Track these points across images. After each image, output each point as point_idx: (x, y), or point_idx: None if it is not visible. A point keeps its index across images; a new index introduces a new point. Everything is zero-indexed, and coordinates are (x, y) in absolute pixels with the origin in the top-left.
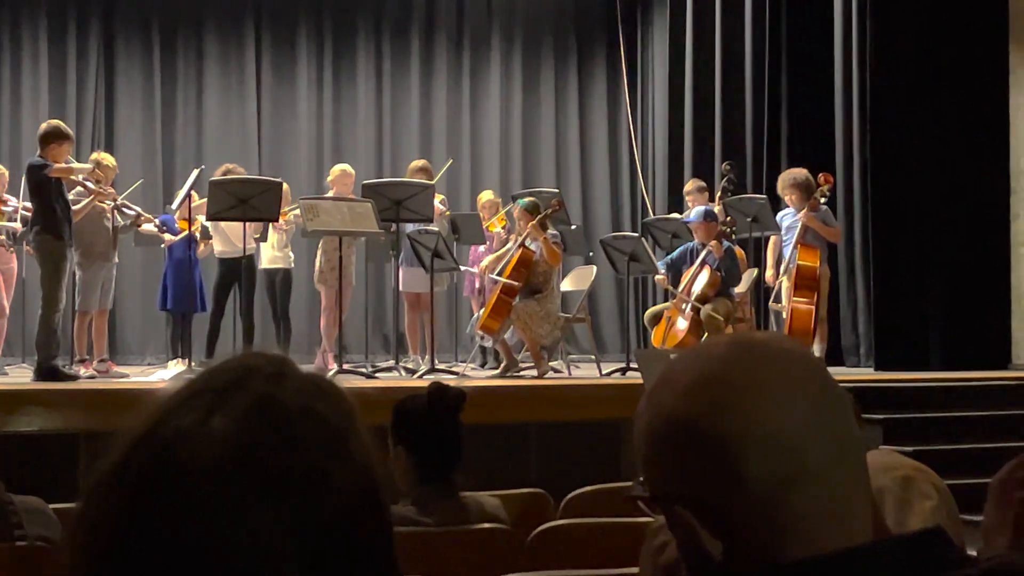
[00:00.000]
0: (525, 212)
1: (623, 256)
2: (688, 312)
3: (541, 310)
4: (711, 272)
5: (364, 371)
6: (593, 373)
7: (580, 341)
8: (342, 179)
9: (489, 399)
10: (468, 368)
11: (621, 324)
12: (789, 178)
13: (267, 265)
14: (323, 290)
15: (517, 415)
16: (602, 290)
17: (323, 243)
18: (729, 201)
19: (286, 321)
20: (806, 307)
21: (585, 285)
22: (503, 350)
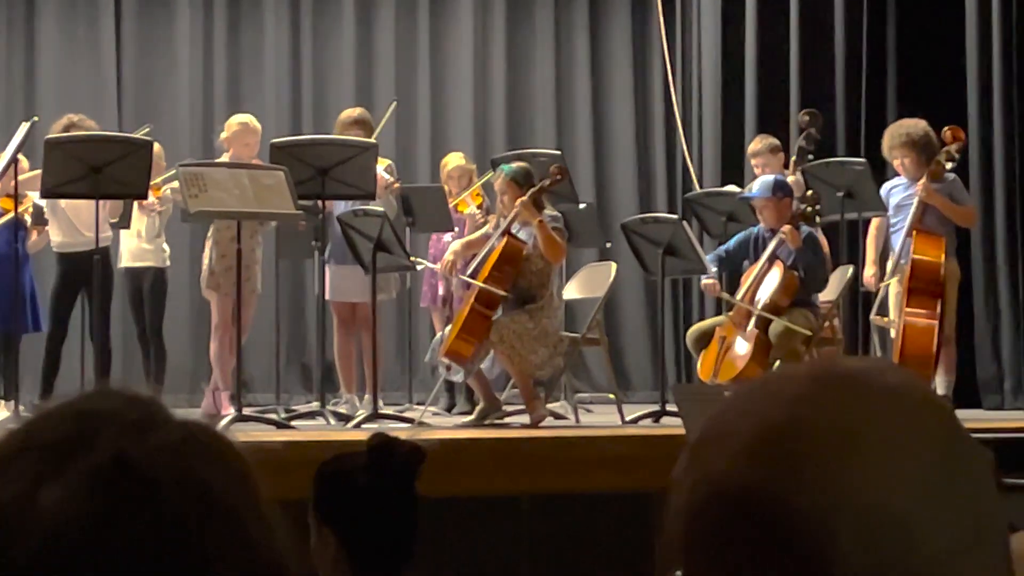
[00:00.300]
0: (511, 183)
1: (656, 248)
2: (751, 330)
3: (535, 328)
4: (784, 271)
5: (275, 417)
6: (613, 419)
7: (593, 373)
8: (241, 136)
9: (459, 459)
10: (428, 413)
11: (653, 348)
12: (901, 134)
13: (131, 263)
14: (214, 299)
15: (500, 483)
16: (625, 298)
17: (213, 231)
18: (810, 168)
19: (158, 344)
20: (925, 322)
21: (600, 291)
22: (479, 387)
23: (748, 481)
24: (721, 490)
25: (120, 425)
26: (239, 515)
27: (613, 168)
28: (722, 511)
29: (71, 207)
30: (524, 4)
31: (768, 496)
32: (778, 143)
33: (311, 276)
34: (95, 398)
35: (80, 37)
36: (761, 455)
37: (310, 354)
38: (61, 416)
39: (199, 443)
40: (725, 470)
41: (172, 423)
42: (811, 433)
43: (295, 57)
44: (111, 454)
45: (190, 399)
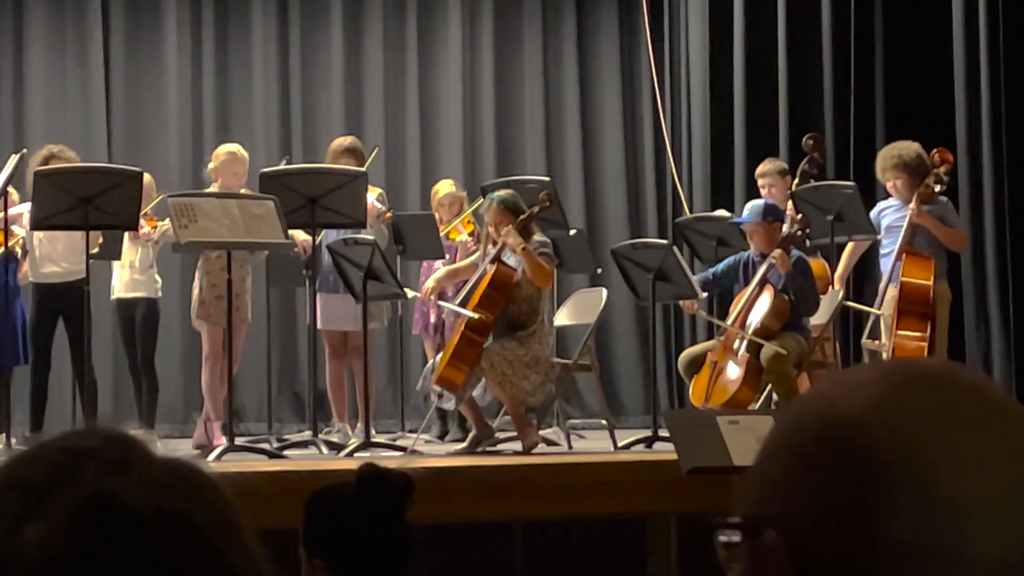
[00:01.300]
0: (501, 210)
1: (646, 274)
2: (743, 354)
3: (526, 354)
4: (775, 295)
5: (267, 447)
6: (605, 445)
7: (585, 399)
8: (230, 165)
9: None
10: (420, 441)
11: (645, 373)
12: (893, 155)
13: (123, 294)
14: (205, 330)
15: (493, 510)
16: (616, 324)
17: (203, 261)
18: (800, 191)
19: (150, 375)
20: (916, 344)
21: (591, 318)
22: (471, 414)
23: (851, 416)
24: (826, 423)
25: (101, 462)
26: (222, 549)
27: (603, 194)
28: (823, 448)
29: (48, 237)
30: (512, 31)
31: (861, 437)
32: (787, 167)
33: (302, 305)
34: (76, 436)
35: (69, 69)
36: (878, 414)
37: (302, 383)
38: (43, 454)
39: (180, 478)
40: (837, 416)
41: (153, 459)
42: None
43: (284, 87)
44: (93, 491)
45: (182, 429)
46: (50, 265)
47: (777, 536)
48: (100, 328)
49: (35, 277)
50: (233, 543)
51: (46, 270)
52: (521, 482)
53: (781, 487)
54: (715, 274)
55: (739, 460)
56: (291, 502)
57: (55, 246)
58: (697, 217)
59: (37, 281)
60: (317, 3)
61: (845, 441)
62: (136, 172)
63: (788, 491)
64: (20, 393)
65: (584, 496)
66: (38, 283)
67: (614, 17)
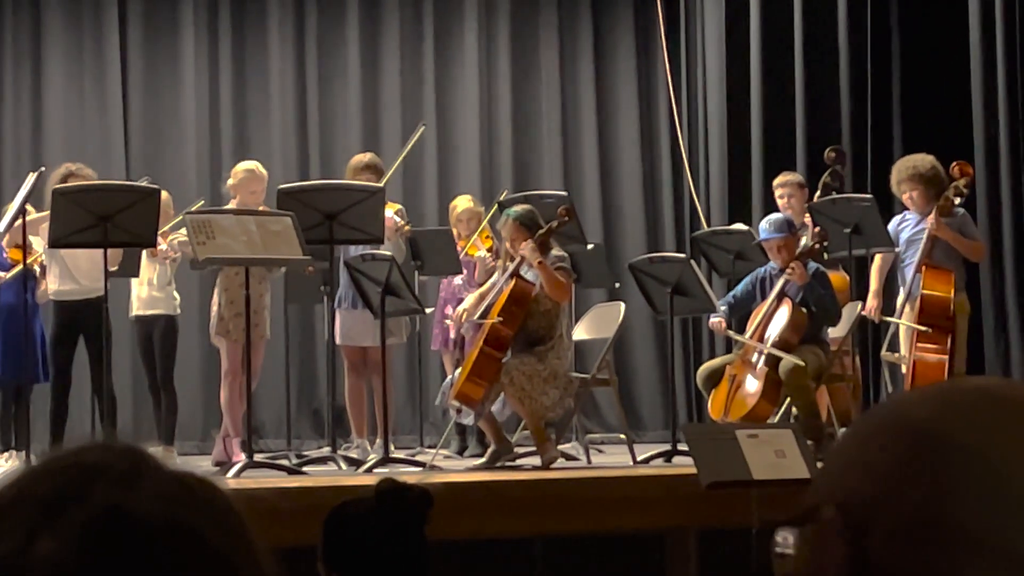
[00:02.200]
0: (517, 228)
1: (664, 288)
2: (761, 368)
3: (544, 369)
4: (793, 308)
5: (286, 463)
6: (624, 460)
7: (604, 413)
8: (248, 183)
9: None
10: (439, 456)
11: (663, 387)
12: (908, 167)
13: (141, 311)
14: (224, 346)
15: (512, 526)
16: (635, 338)
17: (222, 278)
18: (817, 204)
19: (169, 392)
20: (936, 357)
21: (609, 332)
22: (490, 429)
23: (924, 412)
24: (909, 427)
25: (112, 477)
26: (233, 561)
27: (621, 208)
28: (899, 440)
29: (69, 255)
30: (528, 45)
31: (935, 425)
32: (802, 180)
33: (321, 321)
34: (87, 451)
35: (86, 87)
36: (952, 411)
37: (321, 399)
38: (53, 469)
39: (191, 492)
40: (915, 416)
41: (163, 473)
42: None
43: (301, 103)
44: (103, 505)
45: (201, 446)
46: (70, 283)
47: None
48: (119, 345)
49: (55, 295)
50: (244, 556)
51: (66, 288)
52: (540, 497)
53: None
54: (735, 296)
55: (758, 474)
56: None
57: (76, 264)
58: (715, 231)
59: (57, 299)
60: (334, 19)
61: (917, 428)
62: (154, 189)
63: (852, 474)
64: (40, 410)
65: (603, 511)
66: (58, 301)
67: (630, 31)
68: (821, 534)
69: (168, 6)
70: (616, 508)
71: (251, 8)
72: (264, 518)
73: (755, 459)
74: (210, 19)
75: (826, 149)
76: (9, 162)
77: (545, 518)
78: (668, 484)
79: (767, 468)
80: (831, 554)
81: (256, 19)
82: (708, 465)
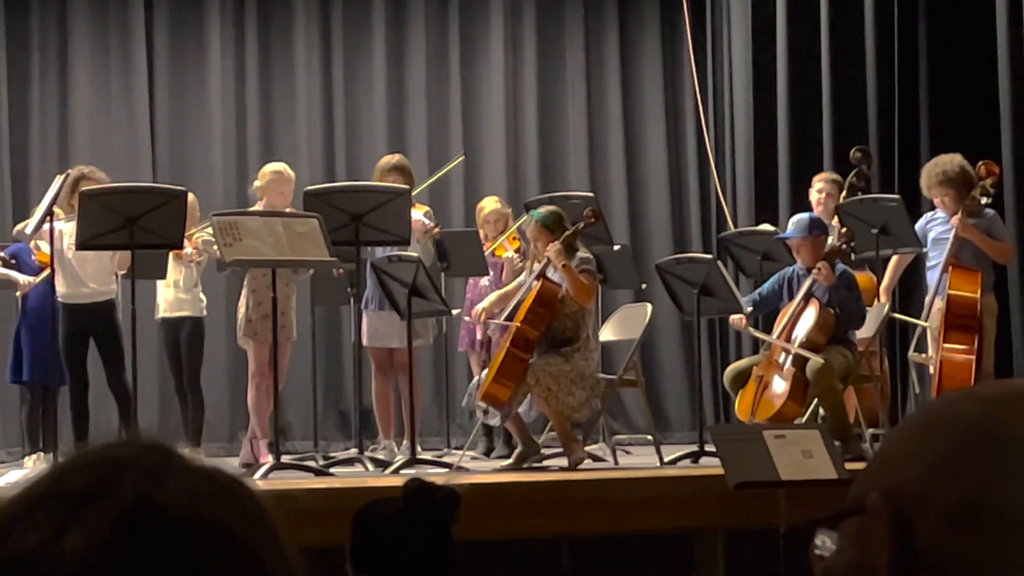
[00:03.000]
0: (542, 229)
1: (691, 289)
2: (788, 368)
3: (571, 370)
4: (820, 308)
5: (313, 465)
6: (651, 461)
7: (631, 414)
8: (276, 185)
9: (496, 502)
10: (466, 457)
11: (690, 388)
12: (937, 172)
13: (168, 313)
14: (251, 348)
15: (539, 526)
16: (661, 339)
17: (249, 279)
18: (845, 205)
19: (196, 394)
20: (963, 357)
21: (636, 333)
22: (517, 430)
23: (976, 405)
24: (966, 423)
25: (140, 471)
26: (261, 556)
27: (647, 209)
28: (955, 434)
29: (78, 258)
30: (555, 46)
31: (989, 415)
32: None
33: (347, 322)
34: (115, 446)
35: (113, 89)
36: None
37: (347, 401)
38: (82, 464)
39: (219, 487)
40: (971, 412)
41: (191, 468)
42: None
43: (328, 105)
44: (133, 499)
45: (228, 448)
46: (79, 285)
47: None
48: (145, 348)
49: (63, 298)
50: (273, 551)
51: (73, 291)
52: (567, 498)
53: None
54: (761, 294)
55: (785, 474)
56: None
57: (83, 267)
58: (741, 231)
59: (65, 302)
60: (360, 21)
61: (966, 421)
62: (180, 191)
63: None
64: (66, 412)
65: (630, 511)
66: (66, 304)
67: (656, 32)
68: (865, 527)
69: (194, 9)
70: (643, 509)
71: (277, 10)
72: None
73: (782, 460)
74: (236, 21)
75: (852, 149)
76: (36, 165)
77: (572, 519)
78: (695, 485)
79: (794, 469)
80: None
81: (282, 21)
82: (735, 466)
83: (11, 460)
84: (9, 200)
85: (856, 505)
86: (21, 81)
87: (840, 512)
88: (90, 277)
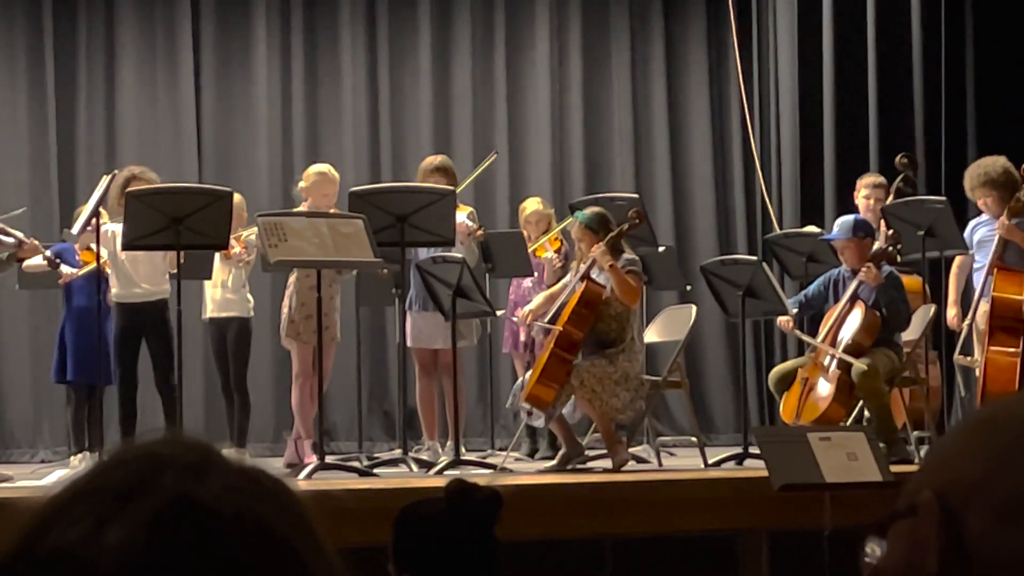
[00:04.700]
0: (586, 230)
1: (736, 290)
2: (834, 371)
3: (615, 371)
4: (866, 311)
5: (357, 465)
6: (695, 463)
7: (675, 416)
8: (321, 186)
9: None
10: (510, 459)
11: (735, 390)
12: (980, 174)
13: (215, 313)
14: (295, 349)
15: (583, 527)
16: (706, 341)
17: (293, 280)
18: (891, 207)
19: (242, 394)
20: (1008, 359)
21: (681, 334)
22: (561, 432)
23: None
24: (1000, 408)
25: (180, 468)
26: (300, 552)
27: (692, 210)
28: (992, 419)
29: (130, 258)
30: (601, 48)
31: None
32: (884, 181)
33: (392, 323)
34: (155, 443)
35: (159, 89)
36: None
37: (392, 401)
38: (123, 461)
39: (258, 484)
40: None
41: (230, 465)
42: None
43: (373, 106)
44: (172, 495)
45: (273, 448)
46: (130, 286)
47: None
48: (192, 347)
49: (116, 298)
50: (311, 547)
51: (126, 291)
52: (611, 499)
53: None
54: (807, 296)
55: (830, 477)
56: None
57: (136, 267)
58: (787, 233)
59: (119, 302)
60: (406, 22)
61: (1020, 421)
62: (226, 192)
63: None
64: (112, 412)
65: (674, 513)
66: (120, 303)
67: (702, 32)
68: (916, 528)
69: (241, 9)
70: (687, 510)
71: (323, 10)
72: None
73: (827, 462)
74: (282, 21)
75: (898, 155)
76: (83, 164)
77: (616, 520)
78: (739, 487)
79: (839, 471)
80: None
81: (328, 21)
82: (780, 468)
83: (57, 460)
84: (56, 200)
85: (906, 508)
86: (68, 81)
87: (890, 516)
88: (142, 277)
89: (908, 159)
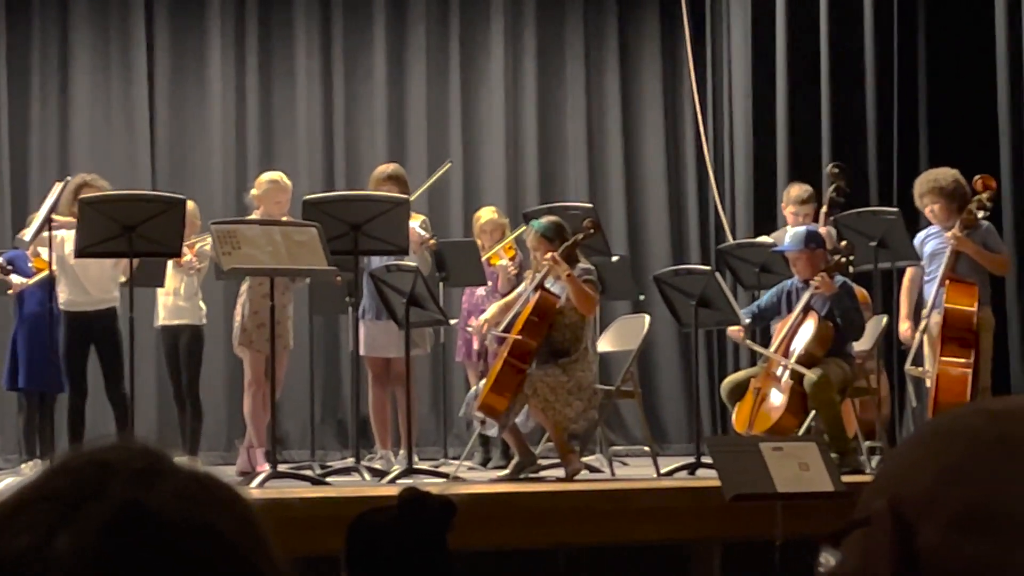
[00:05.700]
0: (542, 239)
1: (689, 300)
2: (786, 381)
3: (569, 381)
4: (819, 321)
5: (310, 474)
6: (648, 472)
7: (628, 425)
8: (273, 193)
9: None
10: (463, 468)
11: (688, 400)
12: (929, 180)
13: (167, 321)
14: (247, 357)
15: (536, 536)
16: (659, 350)
17: (246, 288)
18: (843, 218)
19: (194, 402)
20: (960, 371)
21: (634, 344)
22: (514, 441)
23: (986, 414)
24: (959, 416)
25: (129, 474)
26: (250, 560)
27: (646, 220)
28: (968, 442)
29: (80, 265)
30: (554, 57)
31: (999, 422)
32: (812, 192)
33: (345, 332)
34: (103, 450)
35: (113, 97)
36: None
37: (345, 410)
38: (71, 468)
39: (206, 490)
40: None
41: (180, 472)
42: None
43: (327, 114)
44: (121, 502)
45: (225, 457)
46: (80, 293)
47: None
48: (144, 355)
49: (65, 305)
50: (261, 554)
51: (76, 298)
52: (564, 509)
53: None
54: (759, 307)
55: (782, 487)
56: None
57: (86, 274)
58: (740, 243)
59: (67, 309)
60: (360, 30)
61: (974, 431)
62: (179, 199)
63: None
64: (63, 420)
65: (627, 523)
66: (68, 311)
67: (656, 43)
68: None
69: (195, 17)
70: (640, 520)
71: (278, 19)
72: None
73: (779, 472)
74: (237, 29)
75: (829, 165)
76: (36, 171)
77: (569, 530)
78: (692, 496)
79: (791, 481)
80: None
81: (283, 29)
82: (732, 477)
83: (8, 467)
84: (8, 207)
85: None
86: (21, 88)
87: (845, 526)
88: (92, 284)
89: (839, 169)
